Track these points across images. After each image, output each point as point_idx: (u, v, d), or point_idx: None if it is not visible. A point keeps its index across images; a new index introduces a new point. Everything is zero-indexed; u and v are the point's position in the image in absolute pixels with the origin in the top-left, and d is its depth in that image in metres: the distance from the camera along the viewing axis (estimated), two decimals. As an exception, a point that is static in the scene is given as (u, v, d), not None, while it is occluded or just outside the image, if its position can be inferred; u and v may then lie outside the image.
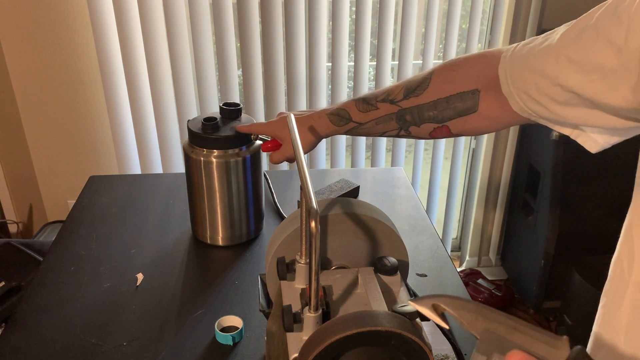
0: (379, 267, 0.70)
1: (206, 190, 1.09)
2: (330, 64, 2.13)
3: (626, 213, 0.63)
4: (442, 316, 0.50)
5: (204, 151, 1.06)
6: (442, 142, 2.34)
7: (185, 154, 1.09)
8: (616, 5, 0.55)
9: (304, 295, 0.66)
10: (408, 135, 0.88)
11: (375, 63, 2.15)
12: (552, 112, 0.66)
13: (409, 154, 2.43)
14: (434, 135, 0.85)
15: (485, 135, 2.36)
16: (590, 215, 2.16)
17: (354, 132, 0.91)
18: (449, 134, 0.83)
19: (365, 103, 0.88)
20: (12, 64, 2.08)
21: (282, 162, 0.99)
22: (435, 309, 0.49)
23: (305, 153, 0.87)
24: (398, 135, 0.88)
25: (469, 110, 0.79)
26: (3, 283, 1.64)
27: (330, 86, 2.17)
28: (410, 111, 0.84)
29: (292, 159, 1.00)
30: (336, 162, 2.29)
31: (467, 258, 2.66)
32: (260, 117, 2.18)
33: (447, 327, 0.49)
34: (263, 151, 1.07)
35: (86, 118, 2.20)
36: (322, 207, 0.73)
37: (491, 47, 2.19)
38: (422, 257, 1.13)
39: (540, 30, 2.14)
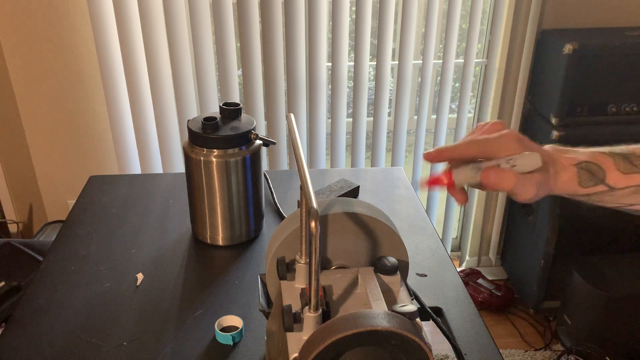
0: (379, 267, 0.70)
1: (206, 190, 1.09)
2: (330, 64, 2.13)
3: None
4: None
5: (204, 151, 1.06)
6: (442, 142, 2.33)
7: (185, 154, 1.09)
8: None
9: (304, 295, 0.66)
10: None
11: (375, 63, 2.15)
12: None
13: (409, 154, 2.43)
14: None
15: (485, 135, 2.36)
16: (590, 215, 2.16)
17: (596, 198, 0.66)
18: None
19: (627, 162, 0.65)
20: (12, 64, 2.09)
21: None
22: None
23: (526, 201, 0.63)
24: None
25: None
26: (3, 283, 1.64)
27: (330, 86, 2.17)
28: None
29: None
30: (336, 162, 2.29)
31: (467, 258, 2.66)
32: (260, 117, 2.18)
33: None
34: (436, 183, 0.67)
35: (86, 118, 2.20)
36: (322, 207, 0.73)
37: (491, 47, 2.19)
38: (422, 257, 1.13)
39: (540, 30, 2.14)
